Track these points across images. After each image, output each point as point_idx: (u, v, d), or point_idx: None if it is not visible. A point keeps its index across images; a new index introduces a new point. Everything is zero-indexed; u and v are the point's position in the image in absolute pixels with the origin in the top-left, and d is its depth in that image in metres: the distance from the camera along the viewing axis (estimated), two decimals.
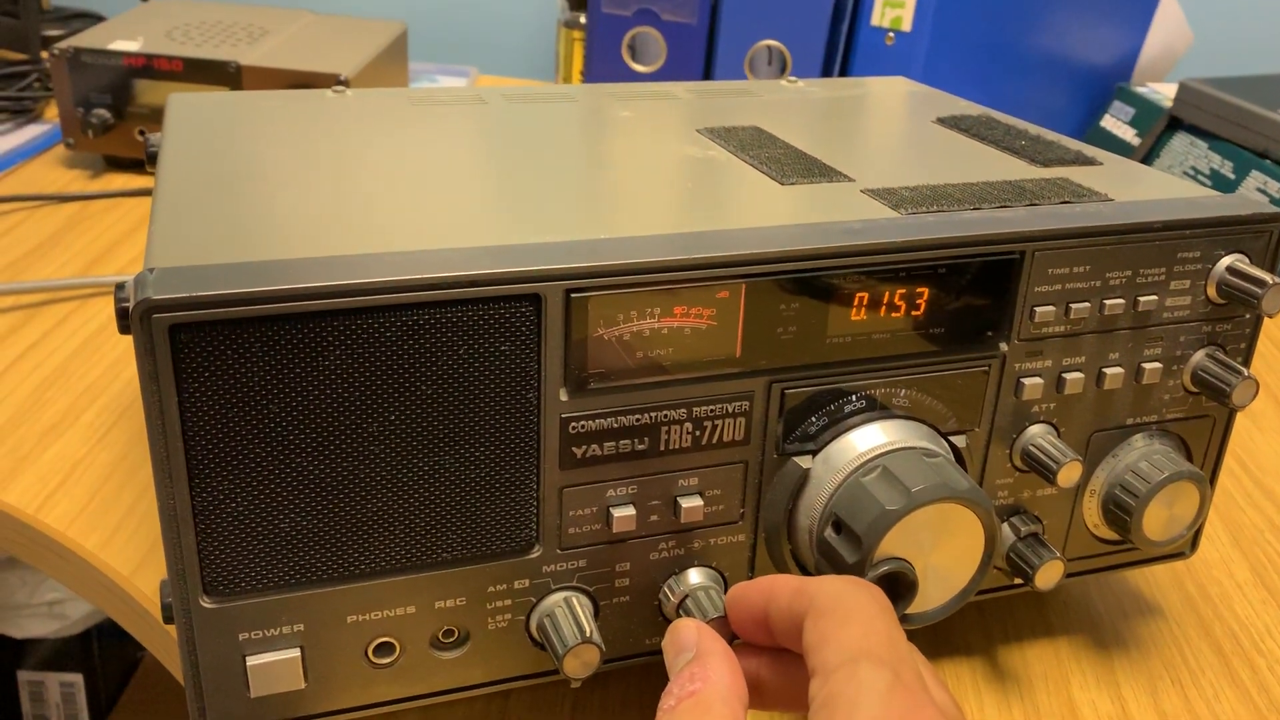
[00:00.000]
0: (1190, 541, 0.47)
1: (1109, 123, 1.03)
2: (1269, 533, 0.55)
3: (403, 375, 0.32)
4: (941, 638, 0.46)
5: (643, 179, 0.43)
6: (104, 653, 0.95)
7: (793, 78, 0.62)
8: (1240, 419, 0.66)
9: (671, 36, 0.89)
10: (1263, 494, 0.58)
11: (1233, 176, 0.89)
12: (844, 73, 0.93)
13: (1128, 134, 1.00)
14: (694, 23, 0.88)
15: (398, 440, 0.33)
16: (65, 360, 0.62)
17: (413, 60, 1.13)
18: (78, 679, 0.93)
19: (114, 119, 0.83)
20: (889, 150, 0.48)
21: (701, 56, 0.90)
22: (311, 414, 0.32)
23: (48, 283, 0.68)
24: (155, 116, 0.83)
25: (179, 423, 0.31)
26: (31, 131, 0.93)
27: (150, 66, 0.81)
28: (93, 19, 1.19)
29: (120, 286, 0.32)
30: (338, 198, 0.38)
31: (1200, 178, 0.92)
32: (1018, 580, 0.43)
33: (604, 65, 0.91)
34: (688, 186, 0.42)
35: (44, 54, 1.07)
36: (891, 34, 0.90)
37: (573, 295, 0.33)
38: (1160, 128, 0.96)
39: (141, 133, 0.84)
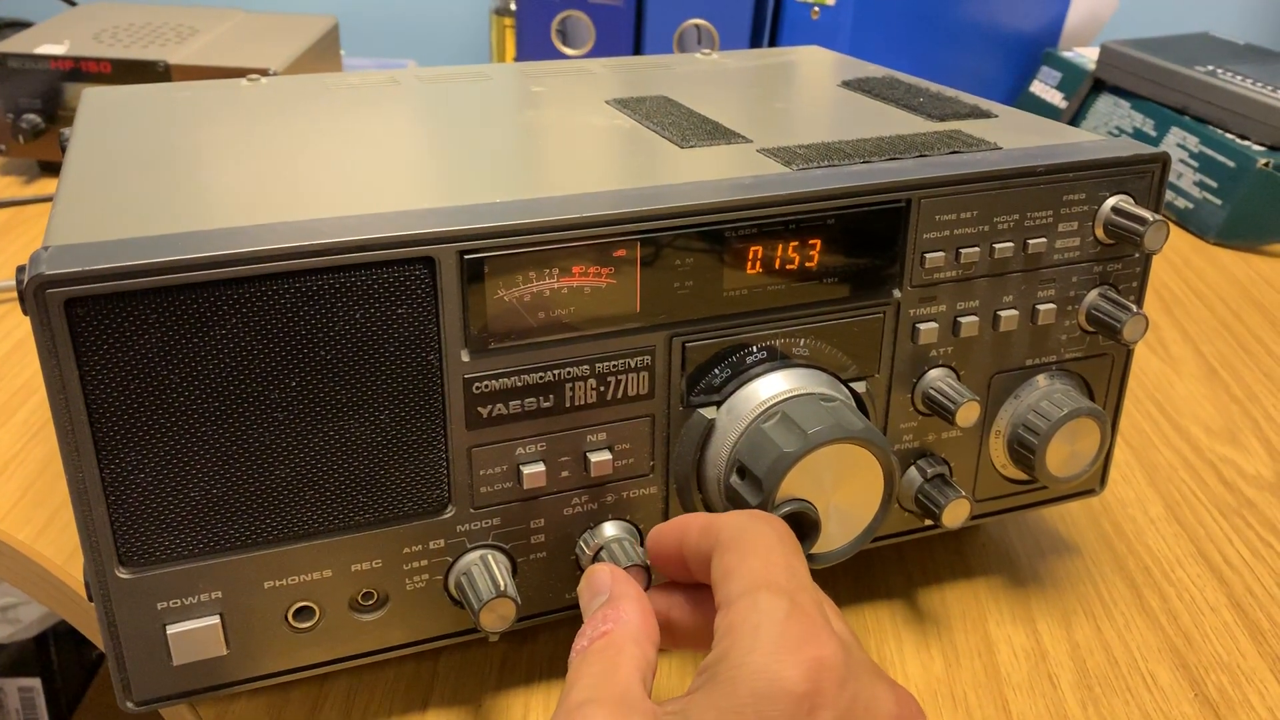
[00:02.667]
0: (1099, 478, 0.48)
1: (1037, 88, 1.04)
2: (1183, 470, 0.57)
3: (300, 342, 0.33)
4: (863, 583, 0.48)
5: (545, 148, 0.44)
6: (62, 656, 0.96)
7: (707, 51, 0.63)
8: (1161, 366, 0.68)
9: (600, 19, 0.90)
10: (1179, 435, 0.60)
11: (1154, 134, 0.91)
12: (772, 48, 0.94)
13: (1055, 98, 1.02)
14: (621, 4, 0.89)
15: (301, 406, 0.34)
16: None
17: (350, 55, 1.13)
18: (36, 683, 0.93)
19: (45, 124, 0.83)
20: (790, 113, 0.50)
21: (630, 38, 0.91)
22: (212, 383, 0.33)
23: None
24: None
25: (81, 397, 0.32)
26: None
27: (78, 69, 0.82)
28: (21, 26, 1.18)
29: (20, 269, 0.33)
30: (240, 175, 0.39)
31: (1123, 137, 0.94)
32: (928, 521, 0.44)
33: (535, 50, 0.92)
34: (590, 153, 0.43)
35: None
36: (816, 8, 0.91)
37: (467, 257, 0.34)
38: (1085, 90, 0.98)
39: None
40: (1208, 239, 0.86)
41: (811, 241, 0.39)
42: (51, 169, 0.88)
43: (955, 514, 0.43)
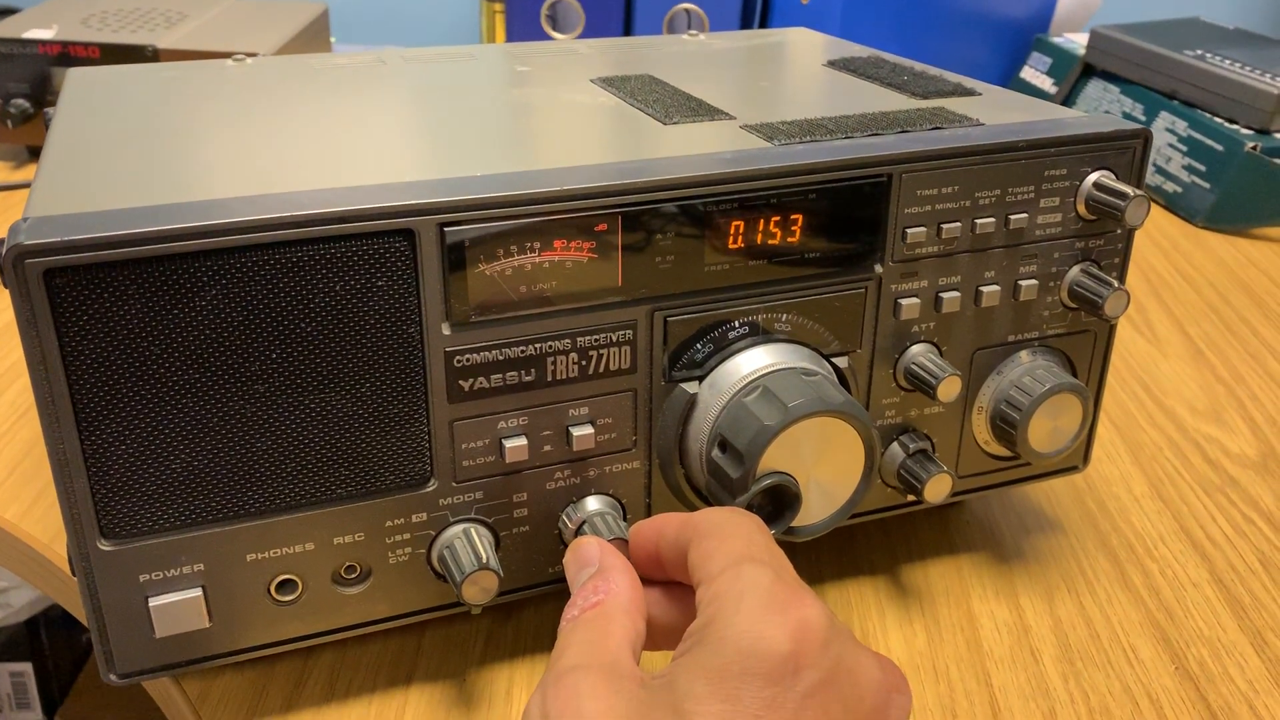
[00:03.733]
0: (1082, 454, 0.48)
1: (1028, 73, 1.05)
2: (1167, 449, 0.57)
3: (281, 313, 0.33)
4: (847, 559, 0.48)
5: (530, 124, 0.44)
6: (53, 640, 0.96)
7: (694, 31, 0.63)
8: (1146, 346, 0.68)
9: (590, 3, 0.90)
10: (1164, 414, 0.60)
11: (1143, 118, 0.91)
12: None
13: (1045, 83, 1.02)
14: None
15: (281, 378, 0.34)
16: None
17: (339, 41, 1.13)
18: (27, 668, 0.93)
19: (33, 108, 0.83)
20: (775, 92, 0.50)
21: (620, 22, 0.91)
22: (193, 354, 0.33)
23: None
24: None
25: (62, 368, 0.32)
26: None
27: (66, 53, 0.81)
28: (7, 13, 1.18)
29: None
30: (222, 150, 0.39)
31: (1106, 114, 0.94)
32: (910, 497, 0.44)
33: (525, 35, 0.92)
34: (573, 129, 0.43)
35: None
36: None
37: (446, 230, 0.34)
38: (1075, 75, 0.98)
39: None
40: (1196, 222, 0.86)
41: (793, 216, 0.39)
42: (39, 154, 0.88)
43: (937, 489, 0.43)
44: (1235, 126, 0.84)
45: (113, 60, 0.81)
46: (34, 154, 0.88)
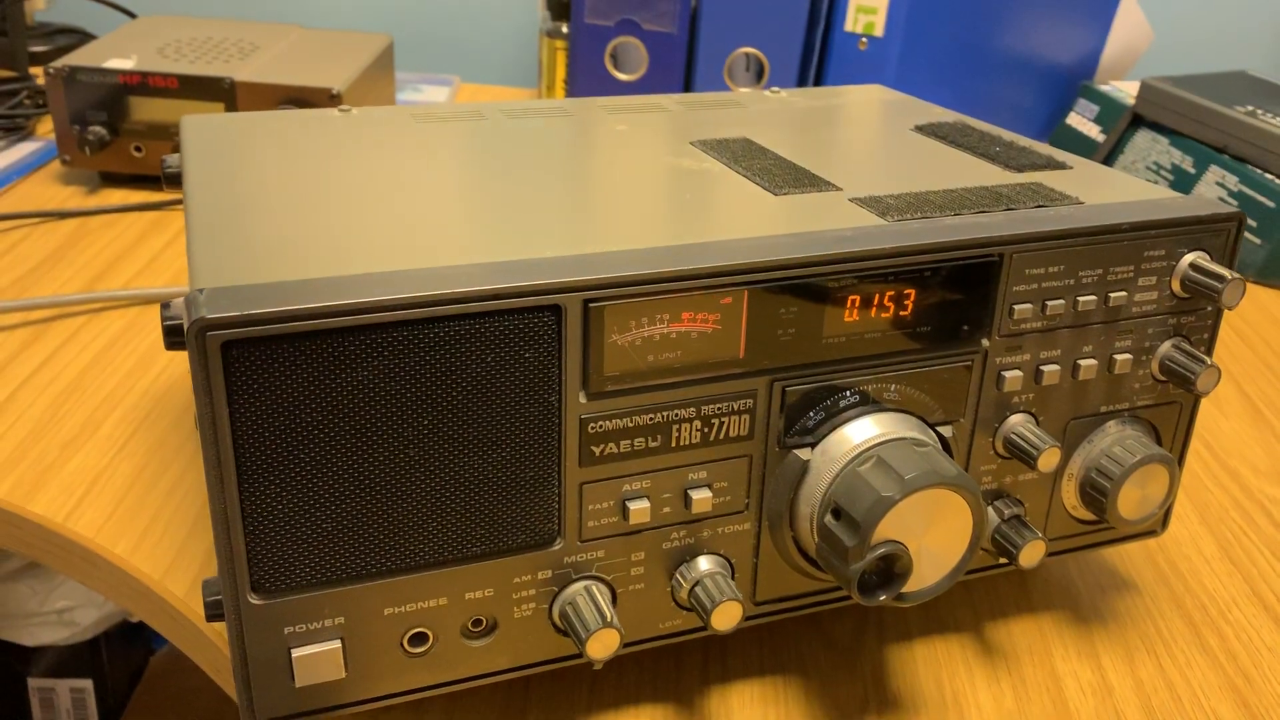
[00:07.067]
0: (1161, 520, 0.50)
1: (1074, 120, 1.06)
2: (1233, 510, 0.58)
3: (435, 383, 0.35)
4: (932, 616, 0.49)
5: (645, 191, 0.45)
6: (112, 658, 0.97)
7: (775, 88, 0.64)
8: (1207, 406, 0.69)
9: (653, 45, 0.92)
10: (1228, 475, 0.62)
11: (1193, 171, 0.93)
12: (819, 77, 0.96)
13: (1092, 131, 1.03)
14: (674, 32, 0.91)
15: (430, 444, 0.36)
16: (79, 374, 0.64)
17: (397, 70, 1.15)
18: (87, 684, 0.94)
19: (110, 136, 0.85)
20: (871, 159, 0.51)
21: (682, 64, 0.93)
22: (350, 421, 0.34)
23: (56, 298, 0.70)
24: (151, 133, 0.85)
25: (229, 431, 0.33)
26: (25, 149, 0.94)
27: (145, 84, 0.83)
28: (77, 34, 1.20)
29: (166, 305, 0.35)
30: (361, 216, 0.41)
31: (1162, 173, 0.96)
32: (1003, 560, 0.46)
33: (587, 74, 0.94)
34: (687, 198, 0.44)
35: (32, 70, 1.08)
36: (865, 39, 0.93)
37: (590, 305, 0.36)
38: (1124, 125, 1.00)
39: (138, 148, 0.86)
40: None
41: (907, 292, 0.41)
42: (113, 179, 0.90)
43: (1031, 554, 0.44)
44: None
45: (191, 91, 0.83)
46: (106, 179, 0.90)
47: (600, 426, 0.38)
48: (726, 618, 0.40)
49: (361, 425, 0.35)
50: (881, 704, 0.45)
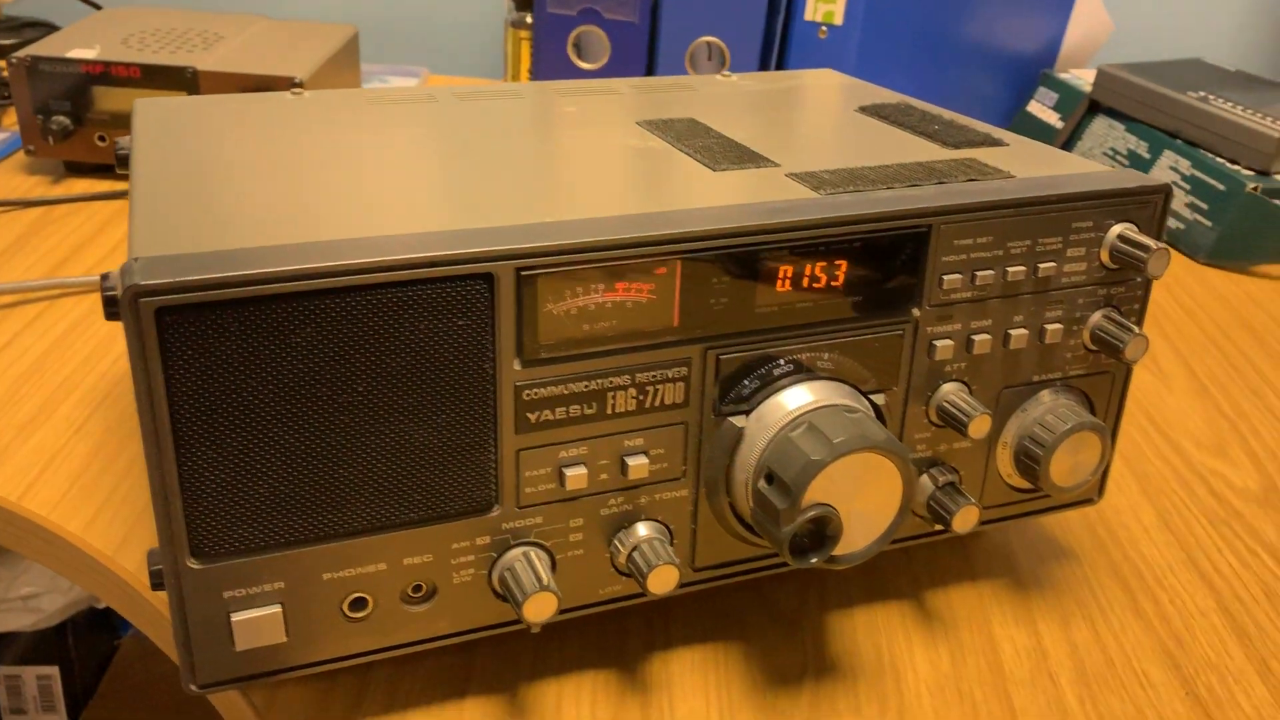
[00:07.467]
0: (1097, 487, 0.51)
1: (1034, 108, 1.08)
2: (1174, 482, 0.60)
3: (369, 350, 0.36)
4: (874, 584, 0.50)
5: (587, 168, 0.46)
6: (79, 644, 0.97)
7: (728, 73, 0.65)
8: (1153, 381, 0.71)
9: (615, 34, 0.92)
10: (1170, 448, 0.63)
11: (1148, 156, 0.94)
12: (780, 66, 0.97)
13: (1052, 118, 1.05)
14: (636, 21, 0.92)
15: (366, 410, 0.36)
16: (39, 358, 0.64)
17: (365, 62, 1.16)
18: (54, 671, 0.95)
19: (73, 125, 0.85)
20: (812, 138, 0.52)
21: (644, 53, 0.94)
22: (286, 388, 0.35)
23: (17, 284, 0.70)
24: (114, 122, 0.85)
25: (165, 398, 0.34)
26: None
27: (108, 73, 0.84)
28: (45, 27, 1.20)
29: (105, 276, 0.35)
30: (302, 189, 0.41)
31: (1118, 158, 0.97)
32: (938, 526, 0.47)
33: (551, 63, 0.95)
34: (629, 174, 0.45)
35: None
36: (824, 28, 0.94)
37: (523, 273, 0.37)
38: (1081, 111, 1.01)
39: (101, 138, 0.86)
40: (1198, 259, 0.89)
41: (838, 263, 0.42)
42: (78, 169, 0.90)
43: (965, 520, 0.45)
44: (1237, 167, 0.87)
45: (154, 80, 0.83)
46: (71, 169, 0.91)
47: (535, 394, 0.39)
48: (663, 581, 0.41)
49: (296, 392, 0.35)
50: (820, 669, 0.46)
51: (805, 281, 0.41)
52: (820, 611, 0.49)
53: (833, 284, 0.42)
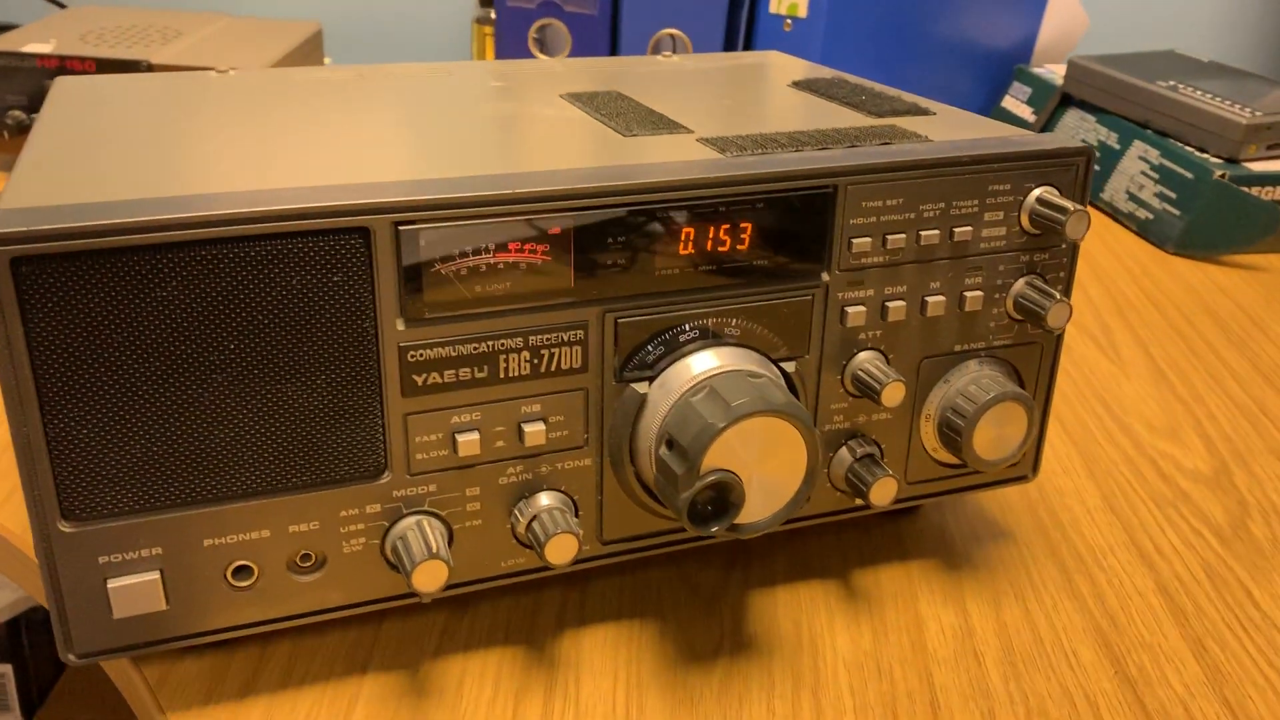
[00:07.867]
0: (1031, 463, 0.50)
1: (1009, 103, 1.06)
2: (1122, 465, 0.58)
3: (238, 306, 0.35)
4: (799, 562, 0.49)
5: (493, 135, 0.45)
6: (34, 642, 0.97)
7: (668, 53, 0.65)
8: (1110, 366, 0.69)
9: (575, 27, 0.92)
10: (1121, 431, 0.62)
11: (1118, 147, 0.93)
12: None
13: (1025, 112, 1.04)
14: (595, 14, 0.91)
15: (238, 369, 0.35)
16: None
17: (332, 60, 1.15)
18: (7, 669, 0.94)
19: (29, 119, 0.85)
20: (736, 109, 0.51)
21: (606, 46, 0.93)
22: (154, 344, 0.34)
23: None
24: None
25: (26, 354, 0.33)
26: None
27: (64, 67, 0.83)
28: (8, 28, 1.20)
29: None
30: (192, 151, 0.41)
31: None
32: (858, 500, 0.45)
33: (514, 56, 0.94)
34: (532, 138, 0.44)
35: None
36: (789, 20, 0.93)
37: (401, 228, 0.36)
38: (1053, 104, 1.00)
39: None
40: (1166, 249, 0.87)
41: (742, 224, 0.40)
42: None
43: (883, 493, 0.44)
44: (1205, 155, 0.86)
45: (108, 73, 0.83)
46: None
47: (421, 355, 0.38)
48: (561, 551, 0.40)
49: (165, 348, 0.34)
50: (736, 645, 0.44)
51: (709, 245, 0.40)
52: (742, 589, 0.47)
53: (738, 247, 0.41)
